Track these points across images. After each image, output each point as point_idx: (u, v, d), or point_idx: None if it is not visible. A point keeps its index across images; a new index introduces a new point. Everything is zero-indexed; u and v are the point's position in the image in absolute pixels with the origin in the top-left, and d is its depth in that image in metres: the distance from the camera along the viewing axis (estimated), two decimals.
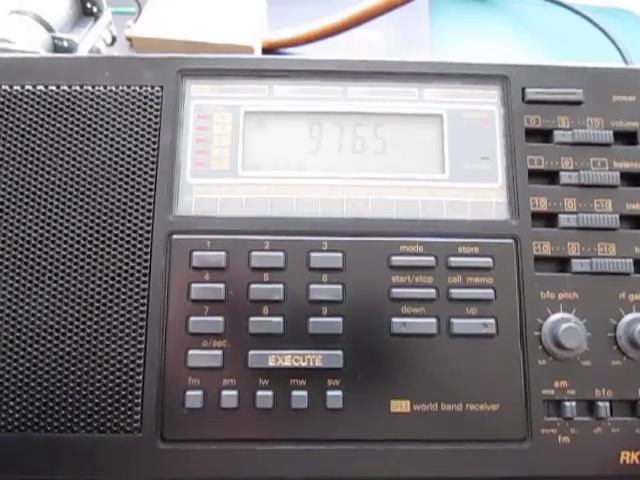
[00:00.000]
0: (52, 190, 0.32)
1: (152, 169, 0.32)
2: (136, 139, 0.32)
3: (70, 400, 0.30)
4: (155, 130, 0.33)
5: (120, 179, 0.32)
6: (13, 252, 0.31)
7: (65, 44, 0.48)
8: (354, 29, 0.55)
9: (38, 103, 0.33)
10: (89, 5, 0.51)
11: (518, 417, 0.30)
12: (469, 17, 0.62)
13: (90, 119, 0.32)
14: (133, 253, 0.31)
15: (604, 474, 0.30)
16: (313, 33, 0.54)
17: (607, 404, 0.30)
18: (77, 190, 0.32)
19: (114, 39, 0.53)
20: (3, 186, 0.32)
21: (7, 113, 0.32)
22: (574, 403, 0.30)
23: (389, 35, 0.59)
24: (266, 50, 0.55)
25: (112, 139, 0.32)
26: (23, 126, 0.32)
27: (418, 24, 0.59)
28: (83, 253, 0.31)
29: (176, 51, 0.51)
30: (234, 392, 0.30)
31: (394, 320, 0.31)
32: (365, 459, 0.30)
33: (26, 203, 0.31)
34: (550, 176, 0.33)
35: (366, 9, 0.52)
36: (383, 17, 0.54)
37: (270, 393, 0.30)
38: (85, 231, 0.31)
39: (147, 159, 0.32)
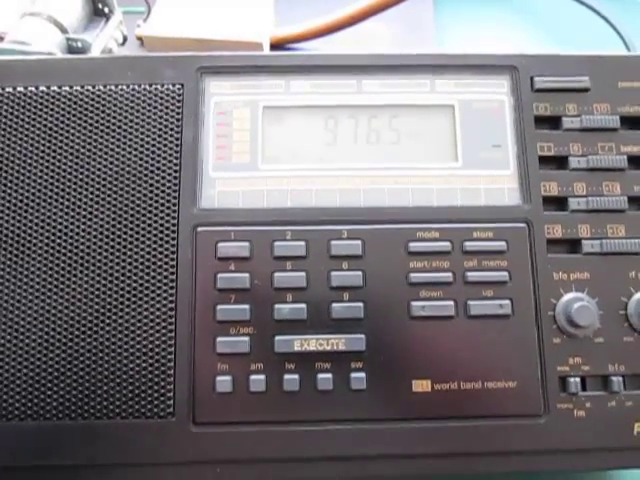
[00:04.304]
0: (80, 187, 0.33)
1: (176, 164, 0.33)
2: (159, 136, 0.34)
3: (105, 388, 0.31)
4: (177, 127, 0.34)
5: (145, 175, 0.33)
6: (45, 247, 0.32)
7: (79, 45, 0.49)
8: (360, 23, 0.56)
9: (64, 103, 0.34)
10: (100, 6, 0.52)
11: (535, 393, 0.31)
12: (472, 8, 0.63)
13: (114, 117, 0.34)
14: (160, 246, 0.32)
15: (618, 446, 0.31)
16: (320, 28, 0.55)
17: (620, 379, 0.31)
18: (104, 187, 0.33)
19: (125, 39, 0.54)
20: (33, 184, 0.33)
21: (34, 114, 0.34)
22: (588, 378, 0.32)
23: (394, 28, 0.60)
24: (274, 45, 0.56)
25: (136, 136, 0.33)
26: (50, 126, 0.33)
27: (422, 16, 0.60)
28: (112, 247, 0.32)
29: (186, 49, 0.52)
30: (262, 376, 0.31)
31: (413, 304, 0.32)
32: (389, 437, 0.31)
33: (55, 200, 0.33)
34: (560, 161, 0.34)
35: (373, 3, 0.52)
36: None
37: (296, 376, 0.31)
38: (114, 225, 0.32)
39: (171, 155, 0.33)
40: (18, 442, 0.31)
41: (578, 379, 0.31)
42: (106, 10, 0.52)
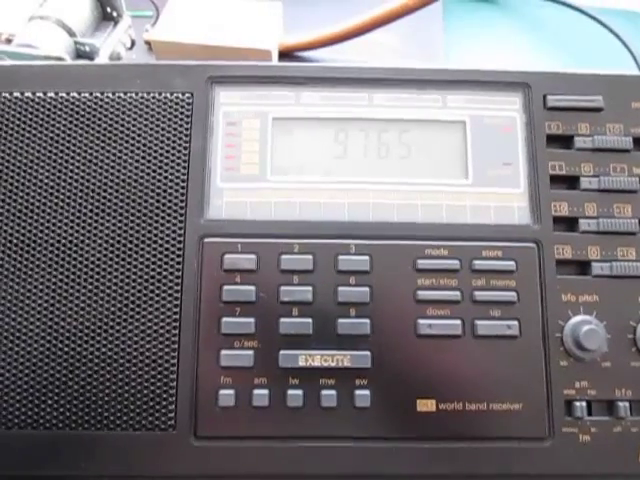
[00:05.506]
0: (87, 195, 0.32)
1: (184, 174, 0.33)
2: (168, 145, 0.33)
3: (106, 399, 0.31)
4: (186, 136, 0.33)
5: (153, 184, 0.33)
6: (50, 255, 0.32)
7: (87, 49, 0.49)
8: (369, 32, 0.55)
9: (71, 110, 0.33)
10: (109, 10, 0.52)
11: (540, 416, 0.31)
12: (481, 20, 0.63)
13: (122, 125, 0.33)
14: (166, 256, 0.32)
15: (623, 472, 0.31)
16: (329, 37, 0.55)
17: (627, 404, 0.31)
18: (111, 195, 0.32)
19: (133, 43, 0.54)
20: (39, 191, 0.32)
21: (42, 119, 0.33)
22: (594, 403, 0.31)
23: (403, 38, 0.59)
24: (283, 53, 0.56)
25: (144, 145, 0.33)
26: (57, 132, 0.33)
27: (432, 27, 0.60)
28: (117, 256, 0.32)
29: (194, 55, 0.52)
30: (265, 391, 0.31)
31: (420, 321, 0.32)
32: (391, 456, 0.31)
33: (61, 207, 0.32)
34: (571, 181, 0.34)
35: (382, 14, 0.52)
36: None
37: (300, 392, 0.31)
38: (119, 234, 0.32)
39: (179, 164, 0.33)
40: (17, 451, 0.30)
41: (584, 403, 0.31)
42: (115, 14, 0.52)
